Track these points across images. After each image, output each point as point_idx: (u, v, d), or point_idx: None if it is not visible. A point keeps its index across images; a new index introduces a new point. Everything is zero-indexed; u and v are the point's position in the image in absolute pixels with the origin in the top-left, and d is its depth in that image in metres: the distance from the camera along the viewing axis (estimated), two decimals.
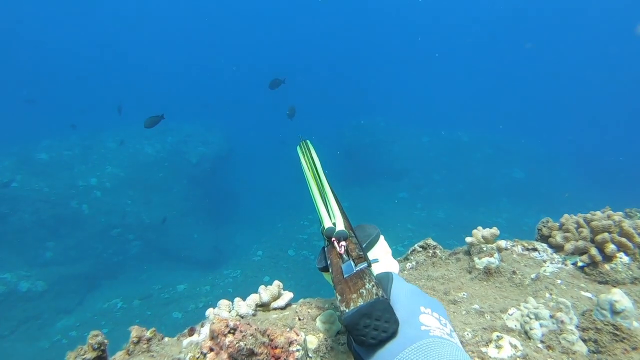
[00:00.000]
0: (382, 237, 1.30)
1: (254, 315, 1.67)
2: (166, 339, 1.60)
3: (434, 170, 17.83)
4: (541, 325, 1.53)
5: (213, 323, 1.24)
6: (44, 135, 15.40)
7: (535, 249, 2.24)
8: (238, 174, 17.78)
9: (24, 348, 8.84)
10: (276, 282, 1.81)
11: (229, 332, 1.20)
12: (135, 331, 1.50)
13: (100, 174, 13.79)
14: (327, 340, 1.47)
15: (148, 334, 1.51)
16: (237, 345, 1.16)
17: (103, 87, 30.55)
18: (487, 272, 2.01)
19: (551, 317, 1.54)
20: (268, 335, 1.27)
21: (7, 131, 17.38)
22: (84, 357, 1.25)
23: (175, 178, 14.54)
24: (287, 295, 1.79)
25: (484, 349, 1.48)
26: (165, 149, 15.19)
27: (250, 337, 1.18)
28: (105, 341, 1.31)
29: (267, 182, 18.08)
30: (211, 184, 15.59)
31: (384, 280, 0.99)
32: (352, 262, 1.01)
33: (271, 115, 24.21)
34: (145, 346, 1.49)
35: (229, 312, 1.65)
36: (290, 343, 1.28)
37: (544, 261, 2.13)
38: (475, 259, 2.14)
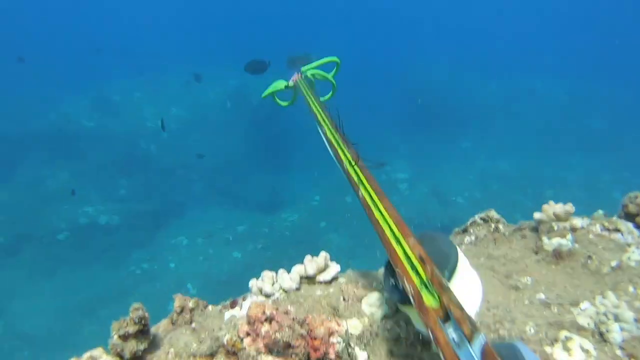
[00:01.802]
0: (463, 259, 1.12)
1: (297, 289, 1.60)
2: (210, 307, 1.60)
3: (502, 118, 16.70)
4: (622, 329, 1.32)
5: (250, 308, 1.18)
6: (116, 77, 16.16)
7: (617, 230, 1.92)
8: (298, 118, 17.71)
9: (106, 275, 9.81)
10: (322, 254, 1.71)
11: (266, 320, 1.15)
12: (178, 300, 1.50)
13: (166, 115, 14.33)
14: (371, 326, 1.38)
15: (191, 304, 1.51)
16: (273, 337, 1.10)
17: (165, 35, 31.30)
18: (558, 255, 1.78)
19: (636, 320, 1.33)
20: (307, 325, 1.19)
21: (84, 76, 18.29)
22: (126, 329, 1.26)
23: (236, 120, 14.79)
24: (334, 269, 1.69)
25: (548, 349, 1.32)
26: (227, 91, 15.35)
27: (287, 329, 1.11)
28: (146, 315, 1.31)
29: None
30: (271, 127, 15.70)
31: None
32: (469, 347, 0.79)
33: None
34: (187, 317, 1.50)
35: (272, 284, 1.60)
36: (331, 334, 1.21)
37: (628, 245, 1.84)
38: (544, 238, 1.89)
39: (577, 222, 1.93)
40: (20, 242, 9.92)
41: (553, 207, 1.98)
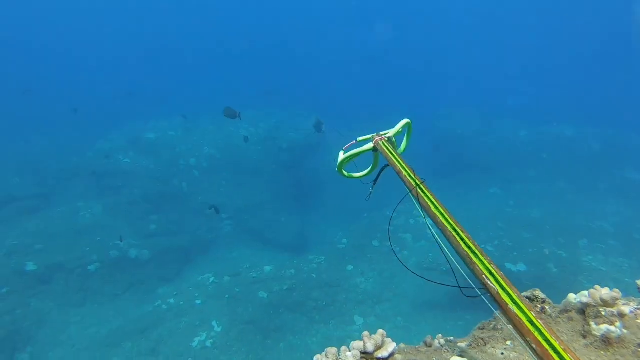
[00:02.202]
0: None
1: None
2: None
3: (531, 165, 16.58)
4: None
5: None
6: (152, 117, 16.90)
7: None
8: (326, 161, 17.98)
9: (133, 308, 9.89)
10: (380, 331, 1.83)
11: None
12: None
13: (198, 154, 14.82)
14: None
15: None
16: None
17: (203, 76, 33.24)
18: (606, 341, 1.77)
19: None
20: None
21: (121, 116, 19.18)
22: None
23: (266, 162, 15.14)
24: (391, 346, 1.80)
25: None
26: (258, 133, 15.81)
27: None
28: None
29: (354, 170, 18.14)
30: (299, 170, 15.97)
31: None
32: None
33: (363, 104, 24.30)
34: None
35: None
36: None
37: None
38: (592, 323, 1.87)
39: (625, 308, 1.90)
40: (53, 271, 10.15)
41: (600, 292, 1.97)
